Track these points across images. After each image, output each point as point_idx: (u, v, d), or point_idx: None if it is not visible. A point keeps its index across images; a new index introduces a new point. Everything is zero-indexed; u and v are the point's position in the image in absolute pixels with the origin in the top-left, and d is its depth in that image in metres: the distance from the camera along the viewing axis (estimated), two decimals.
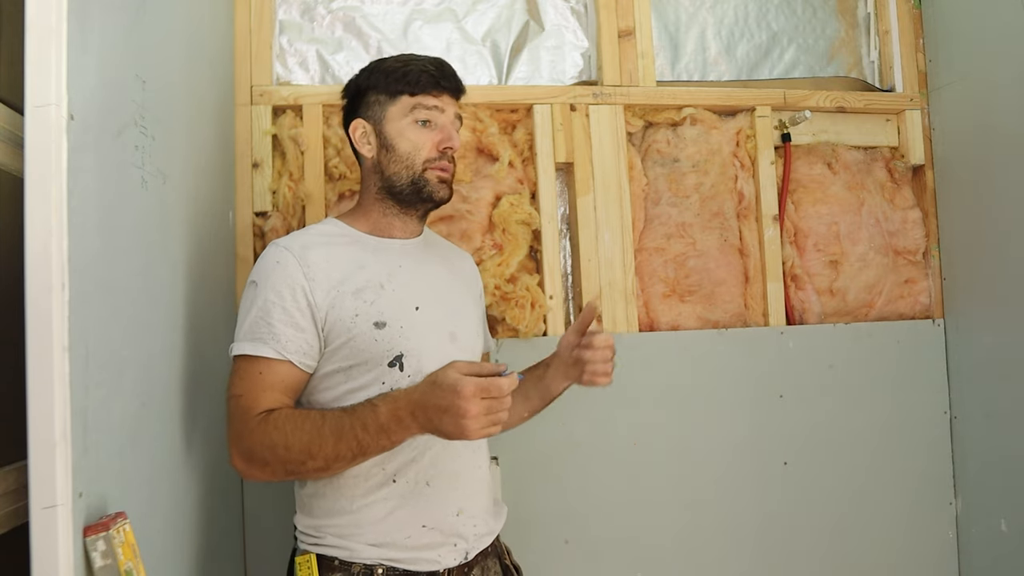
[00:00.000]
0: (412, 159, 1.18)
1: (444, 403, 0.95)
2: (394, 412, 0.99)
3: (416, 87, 1.19)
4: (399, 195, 1.20)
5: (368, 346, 1.10)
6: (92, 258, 0.83)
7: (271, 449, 1.02)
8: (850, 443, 1.80)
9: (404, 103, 1.19)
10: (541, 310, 1.66)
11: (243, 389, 1.07)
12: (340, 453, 1.01)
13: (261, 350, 1.07)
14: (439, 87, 1.20)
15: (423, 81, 1.19)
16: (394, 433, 1.00)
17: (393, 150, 1.19)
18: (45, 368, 0.74)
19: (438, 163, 1.19)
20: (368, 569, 1.08)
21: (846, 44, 1.99)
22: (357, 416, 1.01)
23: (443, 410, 0.95)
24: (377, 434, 1.00)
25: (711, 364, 1.74)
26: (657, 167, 1.81)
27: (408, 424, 0.99)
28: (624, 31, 1.78)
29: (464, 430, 0.94)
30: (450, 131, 1.20)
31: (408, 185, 1.19)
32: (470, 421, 0.93)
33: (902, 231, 1.92)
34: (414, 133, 1.19)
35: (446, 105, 1.21)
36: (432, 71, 1.20)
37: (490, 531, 1.20)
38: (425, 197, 1.19)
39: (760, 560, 1.74)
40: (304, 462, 1.02)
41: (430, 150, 1.18)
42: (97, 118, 0.85)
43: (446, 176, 1.20)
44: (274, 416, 1.04)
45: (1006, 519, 1.73)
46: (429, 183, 1.18)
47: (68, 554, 0.75)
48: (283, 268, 1.11)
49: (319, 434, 1.02)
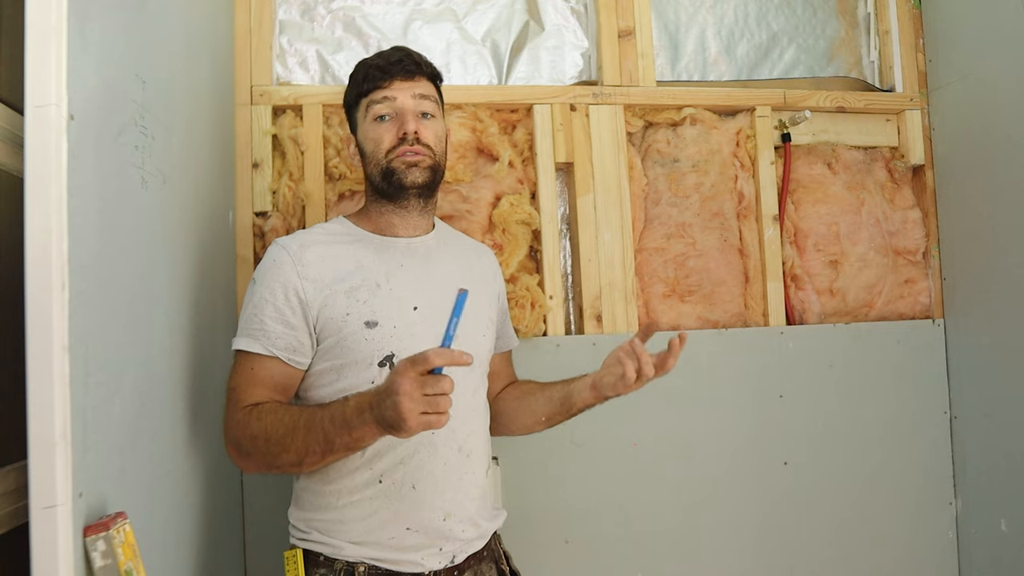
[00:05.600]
0: (377, 155, 1.19)
1: (386, 384, 0.94)
2: (358, 403, 1.00)
3: (364, 86, 1.20)
4: (382, 192, 1.21)
5: (358, 345, 1.11)
6: (92, 258, 0.83)
7: (253, 440, 1.05)
8: (850, 443, 1.80)
9: (363, 105, 1.22)
10: (541, 310, 1.66)
11: (236, 382, 1.11)
12: (309, 447, 1.02)
13: (252, 346, 1.10)
14: (385, 76, 1.19)
15: (370, 77, 1.20)
16: (355, 428, 0.99)
17: (365, 154, 1.22)
18: (45, 368, 0.74)
19: (399, 149, 1.18)
20: (350, 567, 1.09)
21: (846, 44, 1.99)
22: (328, 409, 1.03)
23: (385, 392, 0.94)
24: (341, 426, 1.00)
25: (711, 364, 1.74)
26: (657, 167, 1.81)
27: (367, 417, 0.97)
28: (624, 31, 1.78)
29: (399, 410, 0.90)
30: (404, 116, 1.18)
31: (382, 180, 1.19)
32: (403, 398, 0.90)
33: (902, 231, 1.92)
34: (374, 131, 1.20)
35: (397, 91, 1.19)
36: (378, 63, 1.20)
37: (482, 535, 1.19)
38: (397, 185, 1.18)
39: (760, 560, 1.74)
40: (279, 455, 1.04)
41: (390, 141, 1.18)
42: (97, 118, 0.85)
43: (414, 159, 1.18)
44: (259, 409, 1.07)
45: (1006, 519, 1.73)
46: (396, 171, 1.18)
47: (68, 554, 0.75)
48: (278, 267, 1.13)
49: (294, 426, 1.03)
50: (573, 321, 1.76)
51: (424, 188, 1.20)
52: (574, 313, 1.76)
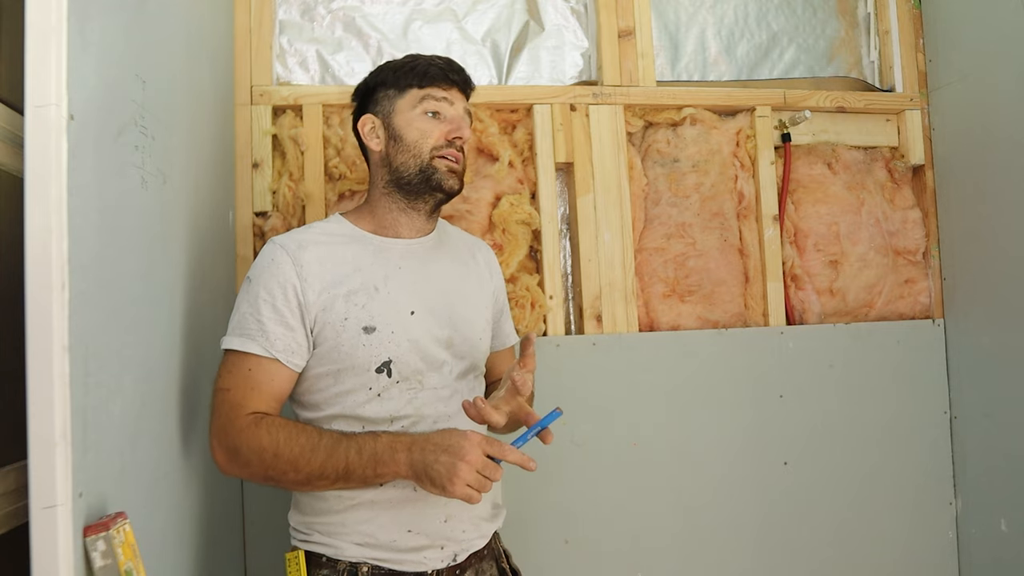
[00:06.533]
0: (420, 147, 1.18)
1: (449, 441, 1.01)
2: (392, 443, 1.03)
3: (424, 79, 1.19)
4: (407, 186, 1.19)
5: (355, 351, 1.10)
6: (92, 258, 0.82)
7: (258, 453, 1.03)
8: (850, 443, 1.80)
9: (413, 95, 1.20)
10: (541, 310, 1.66)
11: (231, 384, 1.08)
12: (325, 472, 1.03)
13: (249, 346, 1.08)
14: (448, 80, 1.20)
15: (431, 73, 1.19)
16: (383, 464, 1.03)
17: (401, 140, 1.19)
18: (45, 368, 0.74)
19: (446, 151, 1.18)
20: (353, 567, 1.09)
21: (846, 44, 1.99)
22: (355, 440, 1.05)
23: (444, 448, 1.00)
24: (369, 460, 1.03)
25: (711, 364, 1.74)
26: (657, 167, 1.81)
27: (400, 458, 1.02)
28: (624, 31, 1.78)
29: (455, 473, 0.98)
30: (460, 122, 1.20)
31: (416, 174, 1.18)
32: (464, 465, 0.98)
33: (902, 231, 1.92)
34: (422, 123, 1.19)
35: (455, 99, 1.21)
36: (441, 64, 1.21)
37: (482, 535, 1.19)
38: (434, 186, 1.18)
39: (760, 560, 1.74)
40: (286, 472, 1.04)
41: (438, 138, 1.18)
42: (97, 118, 0.85)
43: (455, 166, 1.19)
44: (268, 421, 1.05)
45: (1006, 519, 1.73)
46: (438, 171, 1.18)
47: (68, 554, 0.75)
48: (277, 266, 1.11)
49: (312, 449, 1.03)
50: (573, 321, 1.76)
51: (450, 196, 1.21)
52: (574, 313, 1.76)
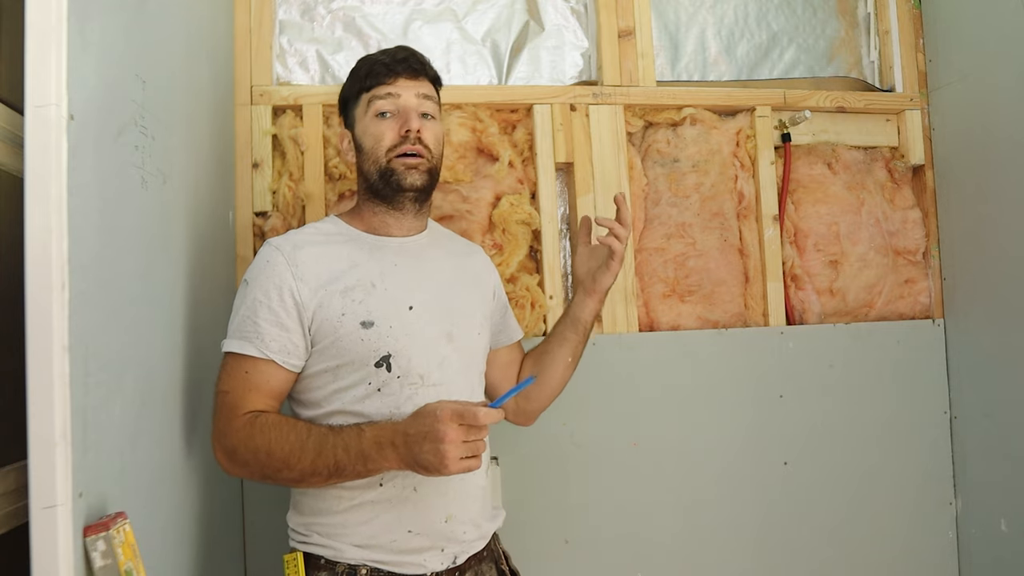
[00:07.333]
0: (376, 153, 1.18)
1: (424, 428, 0.99)
2: (377, 438, 1.02)
3: (368, 80, 1.19)
4: (378, 192, 1.19)
5: (354, 346, 1.10)
6: (92, 258, 0.83)
7: (253, 452, 1.04)
8: (850, 443, 1.80)
9: (364, 101, 1.20)
10: (541, 310, 1.66)
11: (230, 386, 1.08)
12: (317, 469, 1.03)
13: (246, 348, 1.08)
14: (391, 72, 1.18)
15: (374, 71, 1.19)
16: (372, 460, 1.02)
17: (362, 150, 1.20)
18: (45, 368, 0.74)
19: (401, 148, 1.16)
20: (352, 569, 1.09)
21: (846, 44, 1.99)
22: (341, 437, 1.03)
23: (423, 436, 0.99)
24: (357, 458, 1.02)
25: (711, 364, 1.74)
26: (657, 167, 1.81)
27: (388, 454, 1.01)
28: (624, 31, 1.78)
29: (443, 456, 0.97)
30: (408, 113, 1.18)
31: (379, 180, 1.18)
32: (448, 446, 0.96)
33: (902, 231, 1.92)
34: (375, 127, 1.18)
35: (402, 89, 1.18)
36: (383, 60, 1.19)
37: (482, 536, 1.19)
38: (395, 187, 1.17)
39: (760, 560, 1.74)
40: (280, 470, 1.04)
41: (392, 139, 1.17)
42: (97, 118, 0.85)
43: (414, 161, 1.17)
44: (261, 420, 1.05)
45: (1006, 519, 1.73)
46: (395, 172, 1.17)
47: (68, 554, 0.75)
48: (272, 268, 1.11)
49: (301, 447, 1.03)
50: None
51: (421, 191, 1.20)
52: None
